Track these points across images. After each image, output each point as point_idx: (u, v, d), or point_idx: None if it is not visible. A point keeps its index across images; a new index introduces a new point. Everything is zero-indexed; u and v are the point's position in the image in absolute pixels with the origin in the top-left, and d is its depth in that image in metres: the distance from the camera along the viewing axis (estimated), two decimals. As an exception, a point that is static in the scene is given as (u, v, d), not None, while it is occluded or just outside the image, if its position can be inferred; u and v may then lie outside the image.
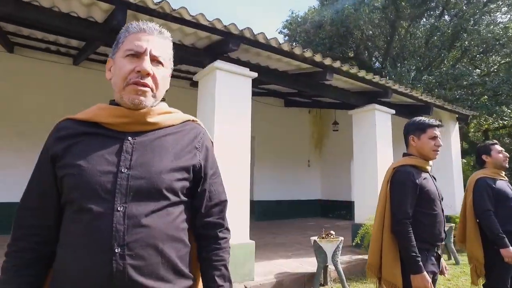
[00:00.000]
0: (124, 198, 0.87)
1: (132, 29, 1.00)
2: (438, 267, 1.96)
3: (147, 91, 0.96)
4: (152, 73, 0.96)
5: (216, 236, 1.04)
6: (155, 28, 1.02)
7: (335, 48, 11.95)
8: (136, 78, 0.94)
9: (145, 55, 0.96)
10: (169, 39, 1.06)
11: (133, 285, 0.83)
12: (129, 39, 0.99)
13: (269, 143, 9.27)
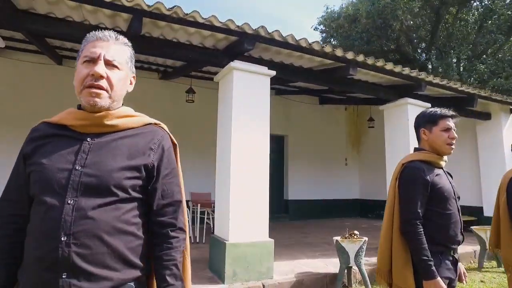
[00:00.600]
0: (75, 193, 0.95)
1: (90, 38, 1.08)
2: (455, 272, 1.78)
3: (101, 93, 1.02)
4: (106, 75, 1.03)
5: (167, 235, 1.07)
6: (111, 36, 1.09)
7: (373, 41, 11.46)
8: (91, 81, 1.02)
9: (99, 60, 1.03)
10: (126, 45, 1.13)
11: (78, 270, 0.90)
12: (87, 47, 1.06)
13: (303, 142, 9.15)
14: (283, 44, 3.84)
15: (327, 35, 13.52)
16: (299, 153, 9.07)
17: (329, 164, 9.51)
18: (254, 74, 3.88)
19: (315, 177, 9.22)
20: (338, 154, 9.86)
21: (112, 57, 1.05)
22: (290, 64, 4.68)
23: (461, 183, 5.20)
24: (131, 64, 1.15)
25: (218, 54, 4.06)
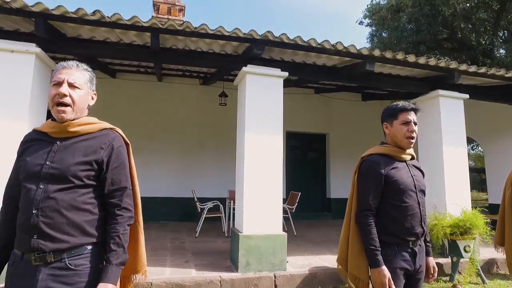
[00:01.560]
0: (45, 180, 1.31)
1: (58, 67, 1.44)
2: (414, 264, 1.79)
3: (65, 109, 1.37)
4: (69, 94, 1.38)
5: (114, 213, 1.39)
6: (73, 64, 1.44)
7: (423, 30, 10.73)
8: (58, 99, 1.37)
9: (64, 83, 1.38)
10: (86, 70, 1.47)
11: (44, 234, 1.26)
12: (55, 74, 1.42)
13: (346, 140, 8.98)
14: (293, 45, 3.99)
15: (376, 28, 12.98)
16: (342, 151, 8.94)
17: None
18: (266, 77, 4.09)
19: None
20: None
21: (73, 80, 1.39)
22: (313, 63, 4.78)
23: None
24: (91, 84, 1.48)
25: (235, 59, 4.36)
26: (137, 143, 7.22)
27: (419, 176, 1.93)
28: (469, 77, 4.88)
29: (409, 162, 1.95)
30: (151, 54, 4.19)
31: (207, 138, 7.65)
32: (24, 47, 3.49)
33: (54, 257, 1.26)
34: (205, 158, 7.58)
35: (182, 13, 8.69)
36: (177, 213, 7.20)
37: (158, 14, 8.37)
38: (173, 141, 7.52)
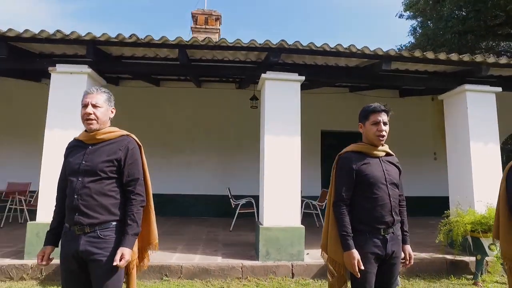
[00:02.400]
0: (82, 175, 1.81)
1: (84, 93, 1.94)
2: (385, 249, 2.00)
3: (92, 123, 1.86)
4: (93, 112, 1.86)
5: (130, 198, 1.85)
6: (94, 90, 1.93)
7: (470, 18, 10.12)
8: (86, 117, 1.87)
9: (88, 105, 1.87)
10: (104, 92, 1.95)
11: (82, 212, 1.75)
12: (83, 98, 1.92)
13: (384, 137, 8.87)
14: (308, 51, 4.26)
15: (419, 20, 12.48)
16: (379, 149, 8.85)
17: (415, 159, 8.94)
18: (283, 82, 4.41)
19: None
20: (426, 149, 9.17)
21: (95, 102, 1.88)
22: (335, 64, 4.98)
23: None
24: (109, 102, 1.95)
25: (257, 67, 4.73)
26: (179, 145, 8.07)
27: (392, 171, 2.13)
28: (506, 69, 4.71)
29: (384, 158, 2.15)
30: (182, 67, 4.73)
31: (243, 138, 8.09)
32: (79, 69, 4.23)
33: (89, 229, 1.75)
34: (241, 158, 8.04)
35: (219, 21, 9.26)
36: (216, 209, 7.75)
37: (196, 25, 9.03)
38: (212, 142, 8.11)
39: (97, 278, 1.74)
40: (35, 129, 7.69)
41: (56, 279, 3.66)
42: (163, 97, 8.02)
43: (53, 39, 3.97)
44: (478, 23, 10.55)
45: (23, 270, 3.71)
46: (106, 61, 4.64)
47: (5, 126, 7.83)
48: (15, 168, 7.60)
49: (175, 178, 7.86)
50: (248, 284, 3.68)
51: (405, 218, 2.20)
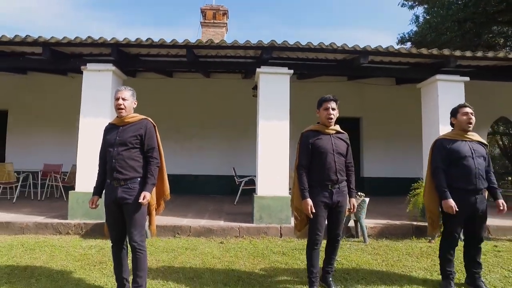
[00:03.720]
0: (116, 146, 2.69)
1: (116, 90, 2.80)
2: (331, 199, 2.82)
3: (122, 111, 2.73)
4: (122, 104, 2.72)
5: (149, 161, 2.71)
6: (123, 88, 2.79)
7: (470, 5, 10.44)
8: (118, 107, 2.73)
9: (120, 98, 2.73)
10: (129, 89, 2.80)
11: (117, 172, 2.63)
12: (116, 93, 2.78)
13: (380, 122, 9.52)
14: (296, 48, 5.00)
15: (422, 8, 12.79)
16: (374, 133, 9.53)
17: (408, 143, 9.56)
18: (275, 75, 5.20)
19: (393, 156, 9.49)
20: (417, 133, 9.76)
21: (124, 96, 2.74)
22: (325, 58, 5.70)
23: None
24: (133, 97, 2.80)
25: (255, 62, 5.51)
26: (191, 131, 8.99)
27: (339, 144, 2.92)
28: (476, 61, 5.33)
29: (334, 135, 2.95)
30: (190, 63, 5.55)
31: (248, 124, 8.86)
32: (105, 67, 5.13)
33: (123, 182, 2.63)
34: (246, 142, 8.85)
35: (226, 16, 9.98)
36: (223, 188, 8.68)
37: (205, 19, 9.79)
38: (219, 128, 8.99)
39: (128, 214, 2.63)
40: (65, 117, 8.78)
41: (93, 234, 4.66)
42: (176, 87, 8.90)
43: (84, 43, 4.86)
44: (478, 10, 10.86)
45: (68, 227, 4.73)
46: (126, 59, 5.52)
47: (39, 115, 8.92)
48: (49, 151, 8.70)
49: (187, 160, 8.81)
50: (244, 241, 4.57)
51: (352, 179, 3.00)
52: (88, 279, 3.12)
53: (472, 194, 2.86)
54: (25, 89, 8.88)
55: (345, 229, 4.74)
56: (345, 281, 3.13)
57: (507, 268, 3.53)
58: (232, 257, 3.82)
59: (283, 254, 3.97)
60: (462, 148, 2.93)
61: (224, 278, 3.18)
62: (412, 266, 3.57)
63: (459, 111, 3.05)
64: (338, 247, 2.99)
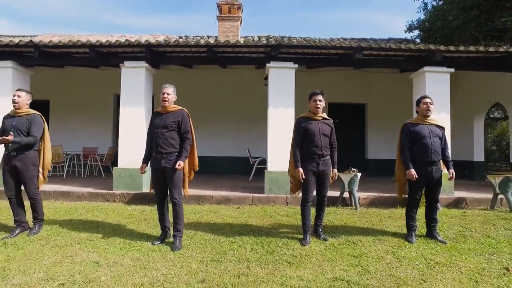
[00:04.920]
0: (160, 128, 3.67)
1: (163, 86, 3.78)
2: (318, 168, 3.75)
3: (165, 102, 3.71)
4: (167, 97, 3.70)
5: (184, 140, 3.69)
6: (167, 85, 3.76)
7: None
8: (162, 99, 3.72)
9: (165, 93, 3.71)
10: (171, 86, 3.77)
11: (161, 147, 3.62)
12: (162, 89, 3.76)
13: (384, 108, 10.25)
14: (300, 46, 5.83)
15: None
16: (379, 118, 10.28)
17: None
18: (282, 69, 6.06)
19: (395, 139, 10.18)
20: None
21: (167, 91, 3.71)
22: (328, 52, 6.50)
23: None
24: (174, 93, 3.77)
25: (265, 57, 6.37)
26: (209, 116, 10.01)
27: (324, 127, 3.81)
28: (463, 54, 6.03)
29: (321, 121, 3.84)
30: (210, 59, 6.47)
31: (261, 110, 9.82)
32: (139, 64, 6.12)
33: (165, 156, 3.62)
34: (259, 126, 9.81)
35: (240, 10, 10.74)
36: (239, 168, 9.70)
37: (221, 14, 10.58)
38: (235, 114, 9.95)
39: (169, 178, 3.62)
40: (98, 105, 9.92)
41: (133, 201, 5.76)
42: (195, 77, 9.87)
43: (123, 45, 5.85)
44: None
45: (114, 196, 5.85)
46: (155, 55, 6.49)
47: (77, 104, 10.10)
48: (86, 136, 9.92)
49: (205, 143, 9.83)
50: (256, 207, 5.57)
51: (334, 154, 3.89)
52: (138, 230, 4.19)
53: (429, 165, 3.72)
54: (64, 81, 10.05)
55: (341, 199, 5.67)
56: (332, 233, 4.08)
57: (464, 226, 4.41)
58: (246, 217, 4.83)
59: (287, 216, 4.95)
60: (422, 130, 3.78)
61: (240, 230, 4.19)
62: (389, 225, 4.49)
63: (421, 101, 3.88)
64: (325, 205, 3.94)
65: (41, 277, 2.73)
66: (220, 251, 3.39)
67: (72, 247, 3.49)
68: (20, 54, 6.49)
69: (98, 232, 4.04)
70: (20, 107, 3.91)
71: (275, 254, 3.32)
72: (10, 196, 3.94)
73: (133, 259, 3.16)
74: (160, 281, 2.67)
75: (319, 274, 2.83)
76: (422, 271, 2.92)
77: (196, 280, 2.69)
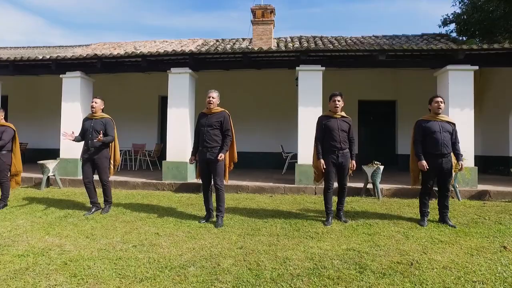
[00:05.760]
0: (206, 127, 4.44)
1: (209, 91, 4.54)
2: (337, 160, 4.33)
3: (210, 105, 4.47)
4: (212, 101, 4.46)
5: (225, 136, 4.43)
6: (213, 90, 4.52)
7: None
8: (208, 101, 4.49)
9: (210, 97, 4.47)
10: (216, 91, 4.52)
11: (207, 142, 4.39)
12: (207, 93, 4.53)
13: (415, 104, 10.34)
14: (327, 50, 6.37)
15: None
16: (408, 114, 10.45)
17: None
18: (310, 71, 6.63)
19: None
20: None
21: (213, 96, 4.46)
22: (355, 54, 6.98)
23: None
24: (218, 97, 4.51)
25: (295, 61, 6.98)
26: (244, 115, 10.79)
27: (343, 124, 4.37)
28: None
29: (340, 119, 4.40)
30: (246, 64, 7.19)
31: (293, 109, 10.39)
32: (184, 70, 6.99)
33: (209, 149, 4.38)
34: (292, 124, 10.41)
35: (273, 14, 11.37)
36: (273, 163, 10.38)
37: (255, 18, 11.28)
38: (269, 112, 10.62)
39: (213, 168, 4.38)
40: (146, 106, 11.04)
41: (180, 190, 6.65)
42: (232, 78, 10.66)
43: (170, 54, 6.74)
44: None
45: (163, 185, 6.79)
46: (197, 61, 7.33)
47: (126, 105, 11.30)
48: (135, 134, 11.08)
49: (241, 139, 10.58)
50: (287, 196, 6.23)
51: (352, 147, 4.44)
52: (187, 211, 5.02)
53: (439, 157, 4.16)
54: (114, 85, 11.28)
55: (365, 190, 6.16)
56: (352, 217, 4.63)
57: (479, 215, 4.76)
58: (277, 204, 5.51)
59: (314, 203, 5.56)
60: (433, 126, 4.23)
61: (272, 213, 4.87)
62: (406, 212, 4.95)
63: (432, 100, 4.32)
64: (345, 192, 4.52)
65: (118, 241, 3.59)
66: (254, 228, 4.09)
67: (135, 222, 4.36)
68: (85, 65, 7.62)
69: (154, 212, 4.92)
70: (96, 111, 4.87)
71: (301, 231, 3.97)
72: (87, 183, 4.92)
73: (184, 232, 3.95)
74: (208, 246, 3.43)
75: (336, 245, 3.44)
76: (425, 246, 3.43)
77: (236, 247, 3.41)
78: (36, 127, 11.81)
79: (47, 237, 3.71)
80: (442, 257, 3.11)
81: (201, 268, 2.85)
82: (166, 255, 3.16)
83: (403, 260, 3.02)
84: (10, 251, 3.26)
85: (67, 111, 7.64)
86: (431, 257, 3.10)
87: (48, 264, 2.93)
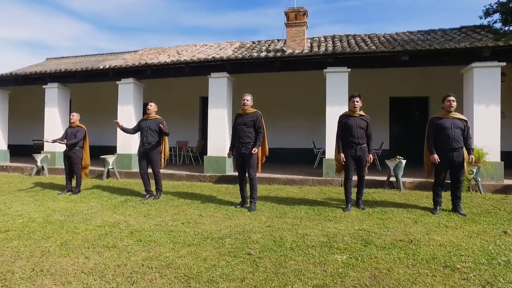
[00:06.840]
0: (242, 125, 5.15)
1: (244, 95, 5.27)
2: (356, 154, 4.87)
3: (245, 107, 5.19)
4: (246, 103, 5.19)
5: (258, 133, 5.13)
6: (247, 94, 5.25)
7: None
8: (243, 103, 5.22)
9: (245, 99, 5.20)
10: (250, 95, 5.25)
11: (242, 139, 5.11)
12: (243, 97, 5.26)
13: (449, 100, 10.40)
14: (353, 53, 6.83)
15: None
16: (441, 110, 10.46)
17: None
18: (336, 73, 7.13)
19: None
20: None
21: (247, 99, 5.18)
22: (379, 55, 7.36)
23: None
24: (251, 100, 5.22)
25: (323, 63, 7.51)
26: (278, 113, 11.46)
27: (361, 122, 4.89)
28: None
29: (359, 117, 4.92)
30: (278, 67, 7.84)
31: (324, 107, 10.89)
32: (223, 75, 7.82)
33: (244, 144, 5.11)
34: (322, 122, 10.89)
35: (305, 15, 11.86)
36: (307, 158, 10.94)
37: (288, 21, 11.85)
38: (301, 110, 11.19)
39: (247, 161, 5.11)
40: (188, 106, 12.07)
41: (219, 182, 7.50)
42: (266, 79, 11.35)
43: (210, 61, 7.58)
44: None
45: (205, 177, 7.69)
46: (234, 66, 8.12)
47: (170, 105, 12.43)
48: (178, 132, 12.18)
49: (275, 136, 11.29)
50: (315, 187, 6.82)
51: (370, 142, 4.96)
52: (225, 199, 5.81)
53: (450, 151, 4.55)
54: (159, 88, 12.45)
55: (388, 183, 6.58)
56: (371, 205, 5.14)
57: (495, 206, 5.04)
58: (305, 193, 6.14)
59: (338, 193, 6.12)
60: (445, 123, 4.61)
61: (299, 201, 5.52)
62: (423, 202, 5.35)
63: (445, 99, 4.70)
64: (363, 183, 5.04)
65: (169, 219, 4.45)
66: (282, 212, 4.78)
67: (182, 207, 5.23)
68: (137, 72, 8.73)
69: (197, 199, 5.77)
70: (151, 113, 5.82)
71: (321, 215, 4.59)
72: (143, 174, 5.88)
73: (223, 214, 4.73)
74: (241, 225, 4.17)
75: (350, 226, 4.03)
76: (429, 229, 3.90)
77: (264, 225, 4.12)
78: (95, 127, 13.37)
79: (115, 215, 4.68)
80: (442, 238, 3.58)
81: (235, 239, 3.59)
82: (207, 230, 3.95)
83: (405, 239, 3.55)
84: (92, 223, 4.26)
85: (122, 112, 8.81)
86: (431, 237, 3.59)
87: (120, 233, 3.85)
